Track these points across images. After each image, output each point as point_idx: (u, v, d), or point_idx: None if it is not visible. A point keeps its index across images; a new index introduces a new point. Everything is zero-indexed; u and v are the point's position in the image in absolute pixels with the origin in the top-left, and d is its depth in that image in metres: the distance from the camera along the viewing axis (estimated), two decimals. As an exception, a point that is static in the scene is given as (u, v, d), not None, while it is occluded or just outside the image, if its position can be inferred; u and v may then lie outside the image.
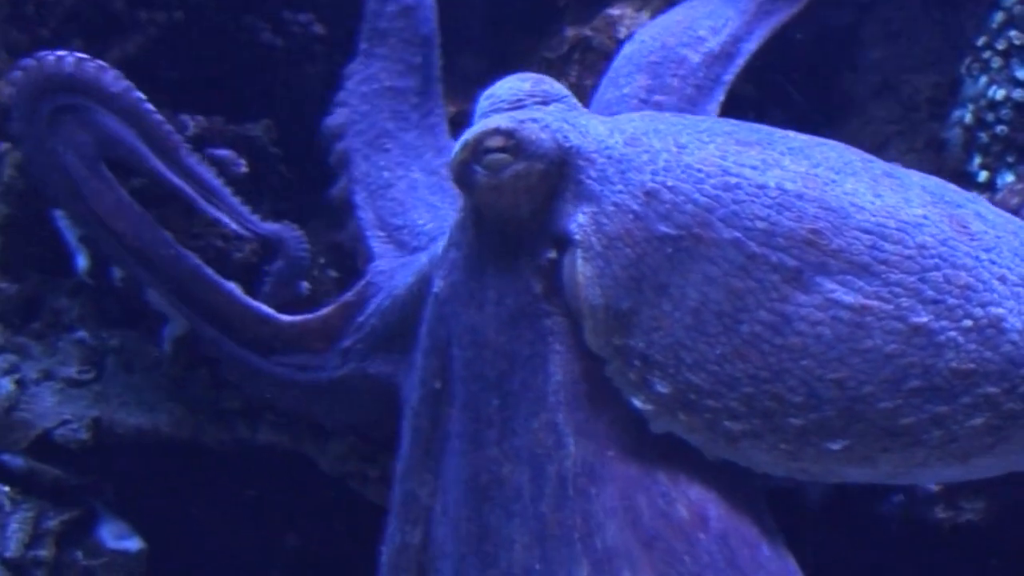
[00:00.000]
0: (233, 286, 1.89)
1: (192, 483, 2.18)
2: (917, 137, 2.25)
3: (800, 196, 1.48)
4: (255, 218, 1.95)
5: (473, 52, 2.34)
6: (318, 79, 2.18)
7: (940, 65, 2.24)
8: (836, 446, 1.45)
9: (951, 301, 1.43)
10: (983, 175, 2.08)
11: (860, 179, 1.51)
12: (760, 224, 1.47)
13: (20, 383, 2.15)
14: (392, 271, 1.82)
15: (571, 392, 1.54)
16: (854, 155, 1.57)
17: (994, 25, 2.15)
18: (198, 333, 1.92)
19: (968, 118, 2.11)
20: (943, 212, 1.49)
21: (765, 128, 1.61)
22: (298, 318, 1.86)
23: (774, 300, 1.46)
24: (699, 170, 1.51)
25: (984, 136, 2.09)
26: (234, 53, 2.13)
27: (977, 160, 2.09)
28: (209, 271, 1.87)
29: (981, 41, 2.16)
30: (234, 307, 1.88)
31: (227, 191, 1.92)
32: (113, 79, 1.80)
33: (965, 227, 1.48)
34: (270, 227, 1.98)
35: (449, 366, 1.64)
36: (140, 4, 2.03)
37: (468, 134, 1.59)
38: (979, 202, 1.56)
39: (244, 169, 2.07)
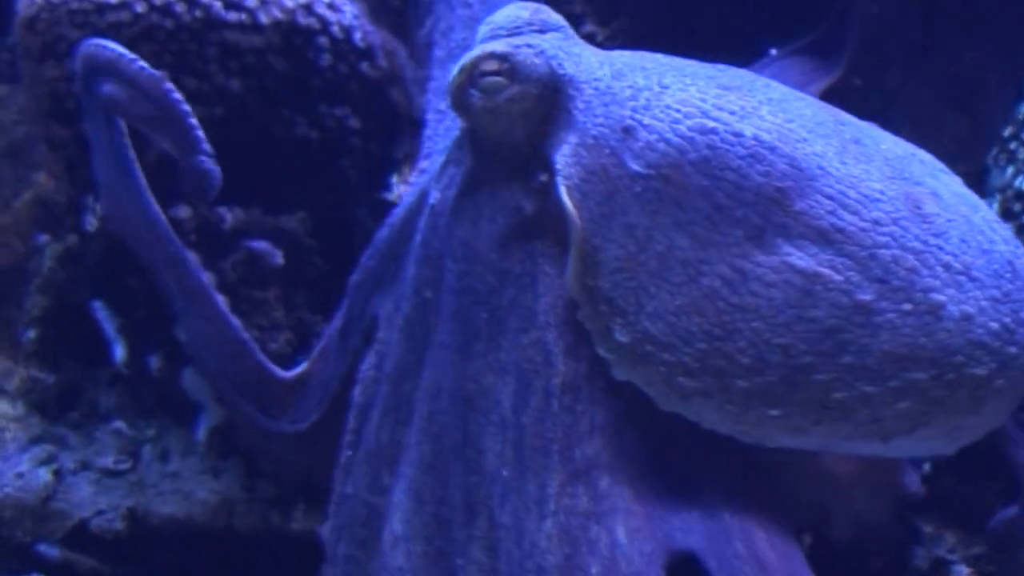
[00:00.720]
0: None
1: (227, 572, 2.18)
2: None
3: (773, 149, 1.49)
4: None
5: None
6: (353, 171, 2.22)
7: (967, 155, 2.26)
8: (775, 412, 1.46)
9: (895, 283, 1.45)
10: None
11: (830, 142, 1.52)
12: (731, 175, 1.48)
13: (57, 473, 2.17)
14: None
15: (561, 315, 1.55)
16: (828, 115, 1.58)
17: (1020, 116, 2.17)
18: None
19: (995, 208, 2.13)
20: (901, 188, 1.50)
21: (749, 75, 1.63)
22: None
23: (735, 256, 1.47)
24: (677, 110, 1.52)
25: (1011, 226, 2.11)
26: (271, 146, 2.16)
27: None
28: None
29: (1008, 132, 2.18)
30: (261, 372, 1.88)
31: None
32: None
33: (919, 208, 1.49)
34: None
35: (441, 277, 1.66)
36: (181, 99, 2.08)
37: (465, 58, 1.61)
38: (940, 177, 1.57)
39: (280, 261, 2.11)
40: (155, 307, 2.01)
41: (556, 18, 1.69)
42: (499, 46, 1.61)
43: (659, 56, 1.65)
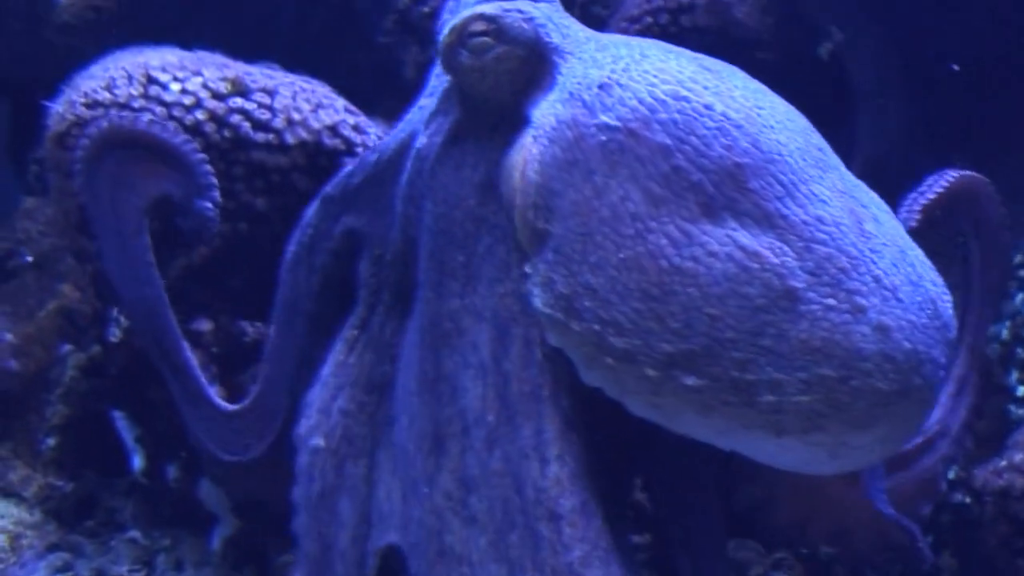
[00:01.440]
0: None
1: None
2: (956, 351, 2.30)
3: (739, 127, 1.54)
4: None
5: None
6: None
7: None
8: (690, 381, 1.49)
9: (825, 278, 1.49)
10: (1021, 389, 2.12)
11: (794, 138, 1.57)
12: (694, 140, 1.53)
13: (72, 581, 2.18)
14: None
15: None
16: (801, 119, 1.63)
17: (1029, 247, 2.22)
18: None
19: (1005, 334, 2.16)
20: (848, 203, 1.55)
21: (732, 66, 1.67)
22: None
23: (684, 219, 1.51)
24: (654, 76, 1.58)
25: (1022, 352, 2.14)
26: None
27: (1015, 375, 2.14)
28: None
29: (1017, 259, 2.22)
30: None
31: None
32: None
33: (860, 223, 1.54)
34: None
35: (420, 217, 1.73)
36: (207, 215, 2.12)
37: (455, 19, 1.69)
38: (883, 213, 1.62)
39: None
40: (174, 419, 2.04)
41: None
42: (489, 8, 1.69)
43: (647, 39, 1.73)
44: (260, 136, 2.09)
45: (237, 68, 2.12)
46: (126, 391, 2.18)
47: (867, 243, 1.53)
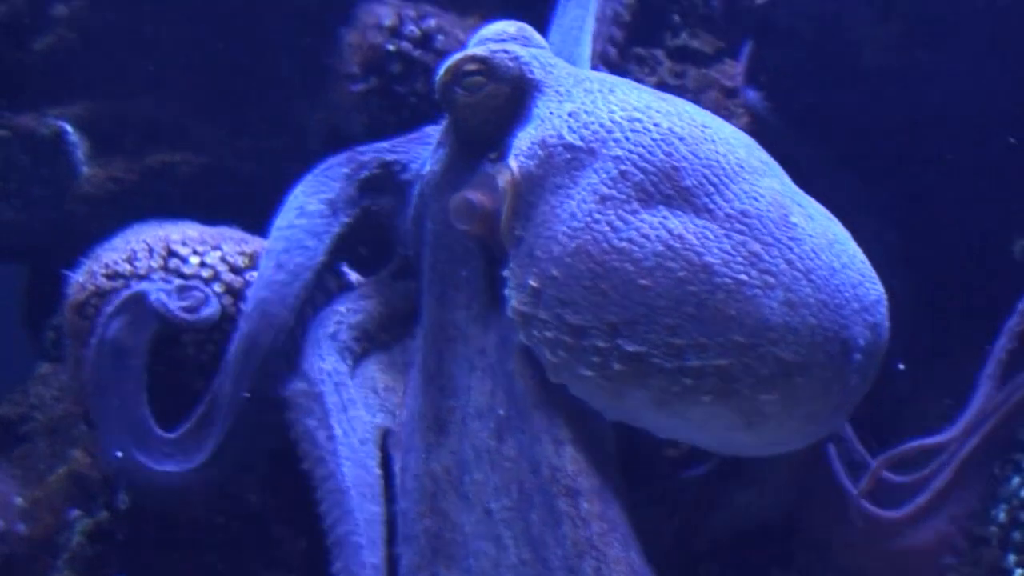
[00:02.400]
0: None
1: None
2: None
3: (681, 140, 1.82)
4: None
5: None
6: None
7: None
8: (631, 348, 1.75)
9: (739, 257, 1.75)
10: (1018, 572, 2.13)
11: (733, 150, 1.84)
12: (640, 150, 1.81)
13: None
14: None
15: None
16: (745, 139, 1.90)
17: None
18: None
19: (1002, 517, 2.18)
20: (780, 200, 1.82)
21: (691, 104, 1.94)
22: None
23: (626, 211, 1.78)
24: (616, 104, 1.87)
25: (1018, 535, 2.16)
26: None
27: (1012, 558, 2.15)
28: None
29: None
30: None
31: None
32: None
33: (786, 216, 1.80)
34: None
35: (422, 235, 2.01)
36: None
37: (450, 60, 1.95)
38: (819, 211, 1.87)
39: None
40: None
41: (539, 39, 2.07)
42: (480, 50, 1.96)
43: (621, 79, 2.00)
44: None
45: (255, 243, 2.18)
46: (133, 558, 2.19)
47: (786, 232, 1.78)
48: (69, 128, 2.88)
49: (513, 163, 1.88)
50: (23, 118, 2.90)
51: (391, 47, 2.61)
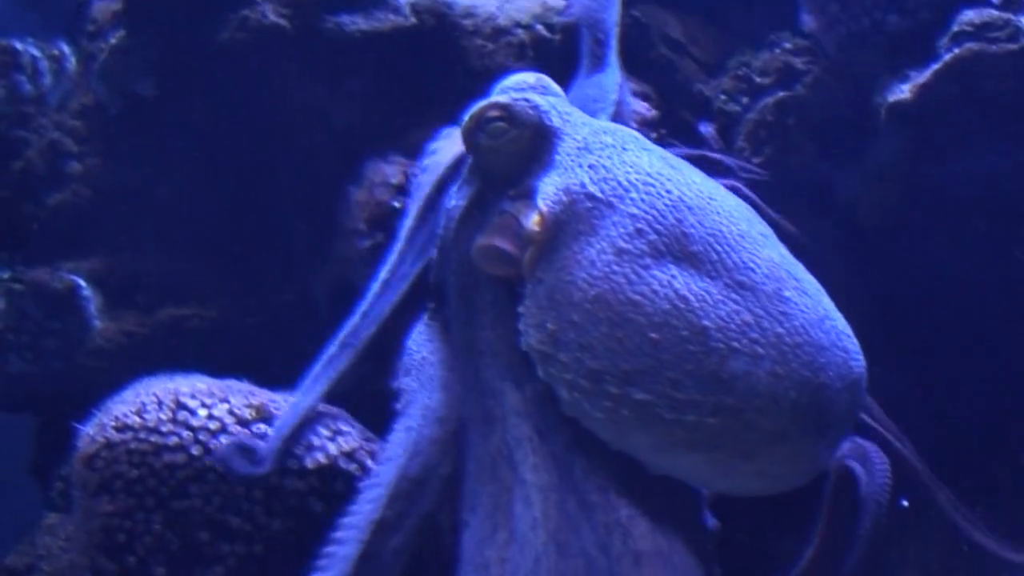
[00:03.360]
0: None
1: None
2: None
3: (690, 208, 1.95)
4: None
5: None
6: None
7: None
8: (639, 396, 1.87)
9: (732, 324, 1.87)
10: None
11: (736, 222, 1.97)
12: (654, 212, 1.94)
13: None
14: None
15: None
16: (748, 211, 2.03)
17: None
18: None
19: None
20: (777, 273, 1.94)
21: (691, 166, 2.08)
22: None
23: (639, 265, 1.90)
24: (630, 166, 2.00)
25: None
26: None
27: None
28: None
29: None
30: None
31: None
32: None
33: (780, 290, 1.92)
34: None
35: (447, 264, 2.15)
36: (223, 537, 2.18)
37: (474, 107, 2.09)
38: (814, 286, 1.97)
39: None
40: None
41: (557, 88, 2.22)
42: (502, 98, 2.10)
43: (629, 130, 2.14)
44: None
45: (262, 395, 2.22)
46: None
47: (779, 306, 1.90)
48: (82, 283, 2.94)
49: (543, 206, 2.00)
50: (37, 272, 2.96)
51: (397, 204, 2.68)
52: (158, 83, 2.96)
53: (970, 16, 2.60)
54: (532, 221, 2.00)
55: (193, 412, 2.18)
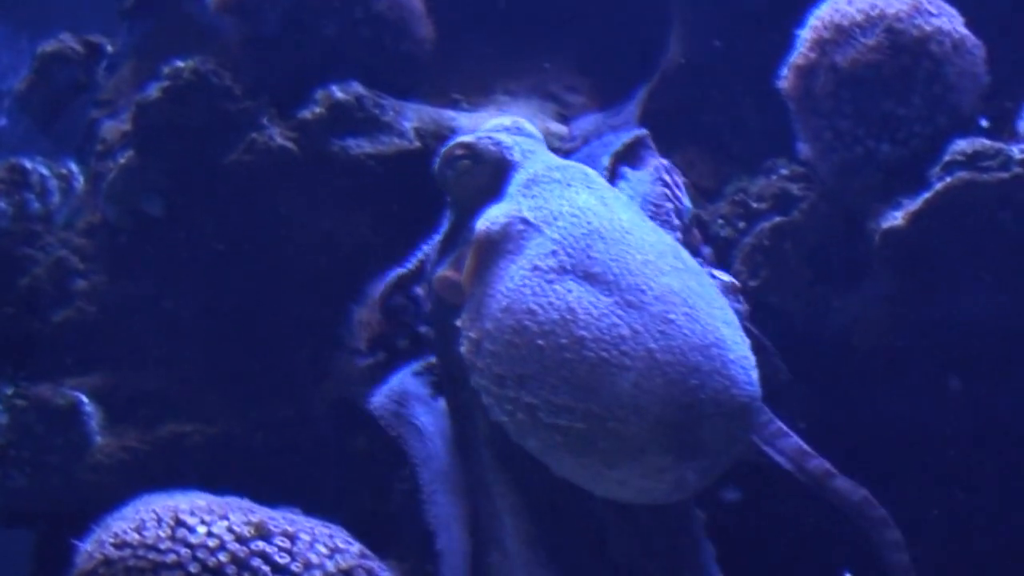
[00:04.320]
0: None
1: None
2: None
3: (602, 238, 2.11)
4: None
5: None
6: None
7: None
8: (528, 399, 2.02)
9: (607, 337, 2.00)
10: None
11: (646, 251, 2.10)
12: (571, 238, 2.10)
13: None
14: None
15: None
16: (663, 244, 2.16)
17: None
18: None
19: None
20: (668, 297, 2.04)
21: (630, 203, 2.25)
22: None
23: (545, 279, 2.06)
24: (566, 200, 2.16)
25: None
26: None
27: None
28: None
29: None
30: None
31: None
32: None
33: (667, 313, 2.02)
34: None
35: (431, 294, 2.35)
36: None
37: (444, 147, 2.31)
38: (712, 314, 2.07)
39: None
40: None
41: (531, 129, 2.40)
42: (467, 138, 2.31)
43: (584, 170, 2.28)
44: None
45: (262, 513, 2.23)
46: None
47: (660, 326, 2.02)
48: (85, 399, 2.96)
49: (480, 226, 2.19)
50: (40, 388, 2.98)
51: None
52: (165, 202, 3.01)
53: (962, 146, 2.64)
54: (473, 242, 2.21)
55: (192, 529, 2.18)
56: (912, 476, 2.69)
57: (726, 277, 2.50)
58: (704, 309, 2.07)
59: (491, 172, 2.27)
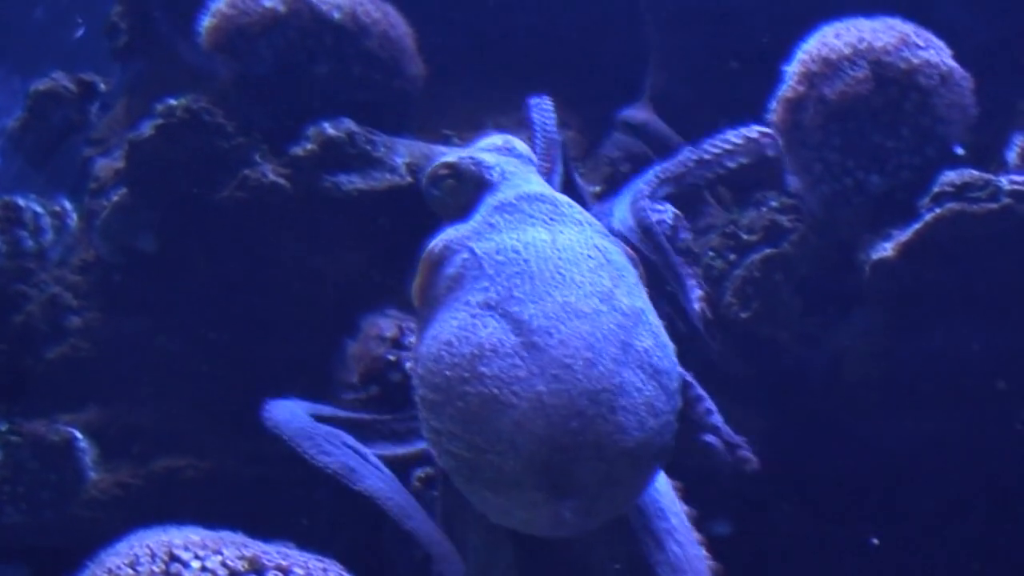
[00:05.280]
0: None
1: None
2: None
3: (531, 278, 2.09)
4: None
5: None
6: None
7: None
8: (435, 424, 2.07)
9: (502, 376, 2.01)
10: None
11: (567, 294, 2.08)
12: (503, 275, 2.10)
13: None
14: None
15: None
16: (602, 292, 2.11)
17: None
18: None
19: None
20: (575, 343, 2.03)
21: (574, 254, 2.18)
22: None
23: (468, 314, 2.08)
24: (517, 234, 2.17)
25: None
26: None
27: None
28: None
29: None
30: None
31: None
32: None
33: (563, 358, 2.02)
34: None
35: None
36: None
37: (429, 167, 2.35)
38: (607, 362, 2.04)
39: None
40: None
41: (523, 148, 2.42)
42: (451, 158, 2.34)
43: (556, 199, 2.26)
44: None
45: (256, 547, 2.23)
46: None
47: (553, 370, 2.01)
48: (79, 435, 2.97)
49: (430, 245, 2.23)
50: (34, 424, 2.99)
51: (391, 357, 2.72)
52: (158, 239, 3.03)
53: (951, 177, 2.66)
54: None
55: (186, 564, 2.18)
56: (901, 507, 2.69)
57: None
58: (610, 355, 2.06)
59: (472, 191, 2.31)
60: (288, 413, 2.52)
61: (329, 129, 3.00)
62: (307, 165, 2.97)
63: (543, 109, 2.75)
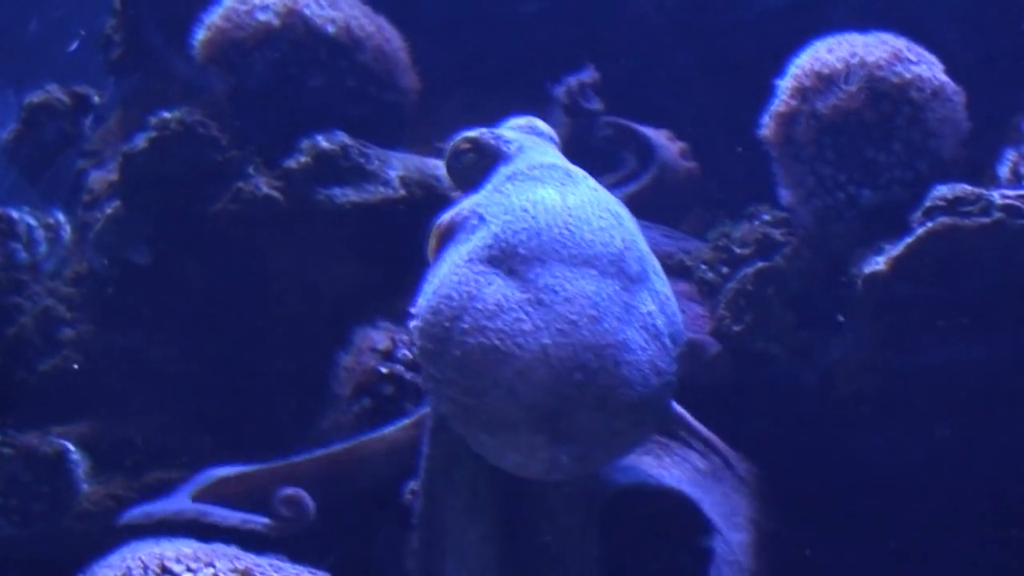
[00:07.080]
0: None
1: None
2: None
3: (538, 234, 2.17)
4: None
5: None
6: None
7: None
8: (435, 372, 2.15)
9: (505, 328, 2.10)
10: None
11: (576, 253, 2.16)
12: (508, 232, 2.19)
13: None
14: None
15: None
16: (612, 253, 2.19)
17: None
18: None
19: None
20: (581, 301, 2.13)
21: (585, 212, 2.24)
22: None
23: (471, 269, 2.17)
24: (524, 196, 2.24)
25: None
26: None
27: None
28: None
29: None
30: None
31: None
32: None
33: (568, 314, 2.10)
34: None
35: None
36: None
37: (452, 141, 2.43)
38: (611, 320, 2.12)
39: None
40: None
41: (545, 128, 2.52)
42: (472, 132, 2.43)
43: (569, 169, 2.33)
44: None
45: (248, 560, 2.23)
46: None
47: (558, 324, 2.10)
48: (71, 447, 2.97)
49: (445, 216, 2.31)
50: (26, 436, 2.98)
51: (384, 370, 2.73)
52: (152, 251, 3.03)
53: (943, 191, 2.66)
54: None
55: (178, 576, 2.18)
56: (893, 521, 2.69)
57: None
58: (615, 314, 2.14)
59: (487, 165, 2.38)
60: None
61: (323, 142, 3.01)
62: (301, 178, 2.97)
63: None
